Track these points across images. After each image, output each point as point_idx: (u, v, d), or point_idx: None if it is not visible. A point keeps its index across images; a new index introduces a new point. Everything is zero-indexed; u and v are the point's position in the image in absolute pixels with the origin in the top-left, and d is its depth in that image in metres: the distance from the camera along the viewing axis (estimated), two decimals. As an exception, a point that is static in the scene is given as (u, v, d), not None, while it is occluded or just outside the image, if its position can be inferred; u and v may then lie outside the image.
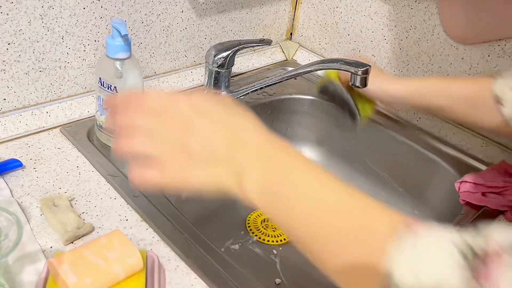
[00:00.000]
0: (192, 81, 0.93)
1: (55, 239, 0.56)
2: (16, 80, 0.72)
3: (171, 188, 0.39)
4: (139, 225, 0.60)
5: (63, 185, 0.64)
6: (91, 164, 0.68)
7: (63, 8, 0.72)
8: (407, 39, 0.91)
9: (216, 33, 0.97)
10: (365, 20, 0.97)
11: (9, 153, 0.68)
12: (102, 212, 0.61)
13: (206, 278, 0.54)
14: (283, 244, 0.82)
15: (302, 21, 1.10)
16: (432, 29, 0.87)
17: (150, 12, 0.83)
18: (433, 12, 0.86)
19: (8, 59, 0.70)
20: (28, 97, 0.75)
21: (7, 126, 0.72)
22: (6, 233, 0.48)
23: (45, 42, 0.72)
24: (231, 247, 0.80)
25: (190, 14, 0.90)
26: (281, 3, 1.07)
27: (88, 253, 0.49)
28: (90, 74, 0.80)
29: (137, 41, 0.84)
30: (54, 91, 0.77)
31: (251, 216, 0.86)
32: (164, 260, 0.55)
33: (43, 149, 0.70)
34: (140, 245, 0.57)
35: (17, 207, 0.58)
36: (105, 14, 0.77)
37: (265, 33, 1.08)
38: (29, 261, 0.52)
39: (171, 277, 0.53)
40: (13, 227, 0.48)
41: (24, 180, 0.64)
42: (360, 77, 0.72)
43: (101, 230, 0.58)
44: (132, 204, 0.62)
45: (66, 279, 0.45)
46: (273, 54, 1.09)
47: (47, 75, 0.75)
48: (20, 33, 0.69)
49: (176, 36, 0.90)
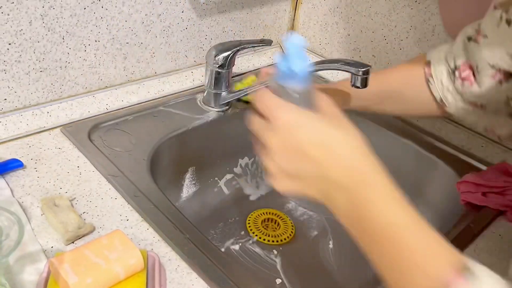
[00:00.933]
0: (192, 81, 0.93)
1: (56, 239, 0.56)
2: (17, 80, 0.72)
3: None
4: (140, 225, 0.60)
5: (64, 185, 0.64)
6: (91, 164, 0.68)
7: (64, 8, 0.72)
8: (407, 39, 0.91)
9: (217, 33, 0.97)
10: (365, 20, 0.97)
11: (10, 153, 0.68)
12: (102, 212, 0.61)
13: (207, 278, 0.54)
14: (284, 244, 0.82)
15: (302, 21, 1.10)
16: (432, 29, 0.87)
17: (151, 12, 0.83)
18: (433, 12, 0.86)
19: (9, 59, 0.70)
20: (29, 97, 0.75)
21: (8, 126, 0.72)
22: (7, 233, 0.48)
23: (45, 42, 0.72)
24: (232, 247, 0.80)
25: (191, 14, 0.90)
26: (281, 3, 1.07)
27: (89, 253, 0.49)
28: (91, 74, 0.81)
29: (137, 41, 0.84)
30: (54, 91, 0.77)
31: (252, 216, 0.86)
32: (164, 260, 0.55)
33: (44, 149, 0.70)
34: (140, 245, 0.57)
35: (18, 207, 0.58)
36: (105, 14, 0.77)
37: (265, 33, 1.08)
38: (30, 261, 0.52)
39: (171, 277, 0.54)
40: (14, 227, 0.48)
41: (25, 180, 0.64)
42: (361, 78, 0.72)
43: (102, 230, 0.58)
44: (132, 204, 0.62)
45: (67, 279, 0.46)
46: (273, 54, 1.09)
47: (47, 75, 0.75)
48: (21, 33, 0.69)
49: (177, 36, 0.90)
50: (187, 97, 0.89)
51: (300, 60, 0.42)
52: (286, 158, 0.42)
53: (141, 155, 0.73)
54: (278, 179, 0.43)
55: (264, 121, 0.43)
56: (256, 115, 0.45)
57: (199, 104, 0.88)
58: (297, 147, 0.41)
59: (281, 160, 0.42)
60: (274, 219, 0.87)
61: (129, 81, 0.87)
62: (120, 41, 0.81)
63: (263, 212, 0.87)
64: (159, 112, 0.84)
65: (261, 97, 0.44)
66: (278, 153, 0.42)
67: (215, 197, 0.88)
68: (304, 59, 0.42)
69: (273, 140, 0.42)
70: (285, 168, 0.42)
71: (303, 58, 0.42)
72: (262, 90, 0.44)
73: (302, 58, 0.42)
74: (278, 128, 0.42)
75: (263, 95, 0.44)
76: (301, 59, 0.42)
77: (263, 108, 0.43)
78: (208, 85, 0.85)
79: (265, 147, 0.43)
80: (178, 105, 0.86)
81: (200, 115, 0.85)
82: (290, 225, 0.85)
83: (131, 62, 0.85)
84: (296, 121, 0.41)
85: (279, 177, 0.43)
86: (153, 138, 0.77)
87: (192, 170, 0.85)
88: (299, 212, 0.89)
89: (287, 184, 0.43)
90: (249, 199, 0.90)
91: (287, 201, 0.91)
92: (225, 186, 0.90)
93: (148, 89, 0.87)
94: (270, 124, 0.42)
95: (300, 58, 0.42)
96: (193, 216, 0.82)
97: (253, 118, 0.45)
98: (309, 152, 0.41)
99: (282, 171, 0.43)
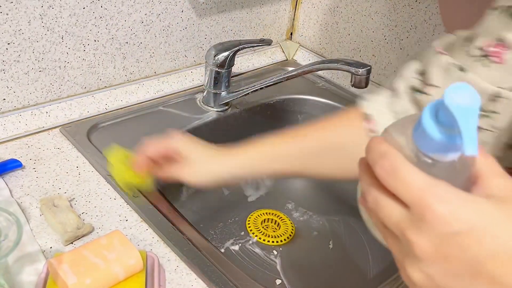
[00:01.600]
0: (192, 81, 0.93)
1: (54, 240, 0.56)
2: (15, 80, 0.72)
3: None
4: (139, 226, 0.60)
5: (63, 185, 0.64)
6: (90, 164, 0.68)
7: (63, 8, 0.72)
8: (407, 39, 0.91)
9: (216, 33, 0.97)
10: (365, 20, 0.97)
11: (9, 153, 0.68)
12: (102, 213, 0.61)
13: (206, 278, 0.53)
14: (284, 244, 0.82)
15: (302, 21, 1.10)
16: (432, 29, 0.86)
17: (150, 12, 0.83)
18: (433, 12, 0.85)
19: (7, 59, 0.70)
20: (28, 97, 0.74)
21: (6, 126, 0.72)
22: (6, 234, 0.47)
23: (44, 42, 0.72)
24: (231, 247, 0.80)
25: (190, 14, 0.90)
26: (281, 3, 1.06)
27: (88, 253, 0.49)
28: (90, 74, 0.80)
29: (137, 41, 0.84)
30: (53, 91, 0.77)
31: (251, 216, 0.86)
32: (164, 261, 0.55)
33: (43, 149, 0.70)
34: (140, 246, 0.57)
35: (17, 207, 0.58)
36: (104, 14, 0.77)
37: (265, 33, 1.08)
38: (29, 261, 0.52)
39: (171, 278, 0.53)
40: (13, 228, 0.47)
41: (24, 181, 0.64)
42: (361, 77, 0.72)
43: (101, 230, 0.58)
44: (132, 205, 0.62)
45: (66, 280, 0.45)
46: (273, 54, 1.09)
47: (46, 75, 0.75)
48: (19, 33, 0.69)
49: (176, 36, 0.90)
50: (186, 97, 0.89)
51: (472, 124, 0.26)
52: (444, 271, 0.28)
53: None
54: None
55: (400, 207, 0.29)
56: (372, 186, 0.30)
57: (199, 104, 0.87)
58: (466, 260, 0.27)
59: (436, 273, 0.28)
60: (274, 219, 0.86)
61: (128, 81, 0.87)
62: (119, 40, 0.81)
63: (263, 213, 0.87)
64: (158, 112, 0.83)
65: (390, 166, 0.28)
66: (431, 262, 0.28)
67: (215, 197, 0.88)
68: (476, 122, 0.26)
69: (423, 242, 0.27)
70: (441, 284, 0.28)
71: (475, 122, 0.26)
72: (381, 147, 0.29)
73: (474, 123, 0.26)
74: (433, 227, 0.27)
75: (393, 162, 0.28)
76: (473, 124, 0.26)
77: (397, 186, 0.28)
78: (208, 85, 0.85)
79: (401, 244, 0.29)
80: (177, 105, 0.86)
81: (200, 115, 0.85)
82: (290, 225, 0.85)
83: (130, 62, 0.85)
84: (468, 219, 0.27)
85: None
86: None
87: (191, 170, 0.85)
88: (299, 213, 0.89)
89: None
90: (249, 200, 0.90)
91: (287, 202, 0.91)
92: (225, 186, 0.90)
93: (148, 89, 0.87)
94: (414, 215, 0.28)
95: (472, 122, 0.26)
96: (193, 216, 0.82)
97: (373, 194, 0.30)
98: (487, 267, 0.27)
99: (436, 286, 0.29)
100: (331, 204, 0.90)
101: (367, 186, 0.30)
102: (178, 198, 0.84)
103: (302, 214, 0.89)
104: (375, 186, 0.30)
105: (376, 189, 0.29)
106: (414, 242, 0.28)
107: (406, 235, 0.28)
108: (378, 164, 0.29)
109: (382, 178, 0.29)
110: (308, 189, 0.95)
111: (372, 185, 0.30)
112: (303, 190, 0.95)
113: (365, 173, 0.31)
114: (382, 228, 0.31)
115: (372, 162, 0.29)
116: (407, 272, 0.29)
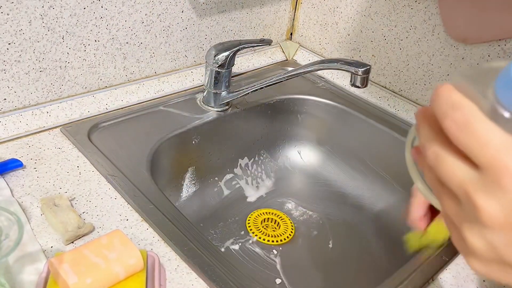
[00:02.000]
0: (192, 81, 0.93)
1: (55, 239, 0.56)
2: (16, 80, 0.72)
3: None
4: (140, 225, 0.60)
5: (64, 185, 0.64)
6: (91, 164, 0.68)
7: (64, 8, 0.72)
8: (407, 39, 0.91)
9: (217, 33, 0.97)
10: (365, 20, 0.97)
11: (10, 153, 0.68)
12: (102, 212, 0.61)
13: (206, 278, 0.54)
14: (284, 244, 0.82)
15: (302, 21, 1.10)
16: (432, 29, 0.87)
17: (151, 12, 0.83)
18: (433, 12, 0.86)
19: (8, 59, 0.70)
20: (29, 97, 0.75)
21: (7, 126, 0.72)
22: (7, 233, 0.48)
23: (45, 42, 0.72)
24: (231, 247, 0.80)
25: (191, 14, 0.90)
26: (281, 3, 1.07)
27: (89, 253, 0.49)
28: (91, 74, 0.81)
29: (137, 41, 0.84)
30: (54, 91, 0.77)
31: (251, 216, 0.86)
32: (164, 260, 0.55)
33: (44, 149, 0.70)
34: (140, 245, 0.57)
35: (18, 207, 0.58)
36: (105, 14, 0.77)
37: (265, 33, 1.08)
38: (30, 261, 0.52)
39: (171, 277, 0.53)
40: (14, 227, 0.48)
41: (25, 180, 0.64)
42: (361, 77, 0.72)
43: (102, 230, 0.58)
44: (132, 204, 0.62)
45: (67, 279, 0.45)
46: (273, 54, 1.09)
47: (47, 75, 0.75)
48: (20, 33, 0.69)
49: (177, 36, 0.90)
50: (187, 97, 0.89)
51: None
52: (511, 241, 0.25)
53: (140, 155, 0.73)
54: (484, 263, 0.27)
55: (469, 167, 0.25)
56: (438, 142, 0.26)
57: (199, 104, 0.88)
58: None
59: (501, 242, 0.25)
60: (274, 219, 0.87)
61: (129, 81, 0.87)
62: (120, 41, 0.81)
63: (263, 212, 0.87)
64: (159, 112, 0.84)
65: (463, 120, 0.25)
66: (498, 230, 0.25)
67: (215, 197, 0.88)
68: None
69: (493, 208, 0.25)
70: (505, 255, 0.26)
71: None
72: (453, 96, 0.25)
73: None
74: (508, 193, 0.24)
75: (468, 115, 0.25)
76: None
77: (469, 144, 0.24)
78: (208, 85, 0.85)
79: (462, 206, 0.27)
80: (178, 105, 0.86)
81: (200, 115, 0.85)
82: (290, 225, 0.85)
83: (130, 62, 0.85)
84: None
85: (488, 262, 0.27)
86: (153, 138, 0.77)
87: (192, 170, 0.85)
88: (299, 212, 0.89)
89: (500, 276, 0.27)
90: (249, 199, 0.91)
91: (287, 201, 0.91)
92: (225, 186, 0.90)
93: (148, 89, 0.87)
94: (486, 177, 0.25)
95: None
96: (193, 216, 0.82)
97: (434, 149, 0.26)
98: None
99: (498, 257, 0.26)
100: (331, 204, 0.91)
101: (428, 139, 0.26)
102: (178, 197, 0.84)
103: (302, 214, 0.89)
104: (438, 140, 0.26)
105: (440, 144, 0.26)
106: (482, 207, 0.25)
107: (472, 197, 0.25)
108: (449, 116, 0.25)
109: (452, 133, 0.25)
110: (308, 189, 0.95)
111: (435, 139, 0.26)
112: (303, 190, 0.95)
113: (427, 124, 0.27)
114: (438, 185, 0.28)
115: (440, 113, 0.25)
116: (466, 237, 0.27)
